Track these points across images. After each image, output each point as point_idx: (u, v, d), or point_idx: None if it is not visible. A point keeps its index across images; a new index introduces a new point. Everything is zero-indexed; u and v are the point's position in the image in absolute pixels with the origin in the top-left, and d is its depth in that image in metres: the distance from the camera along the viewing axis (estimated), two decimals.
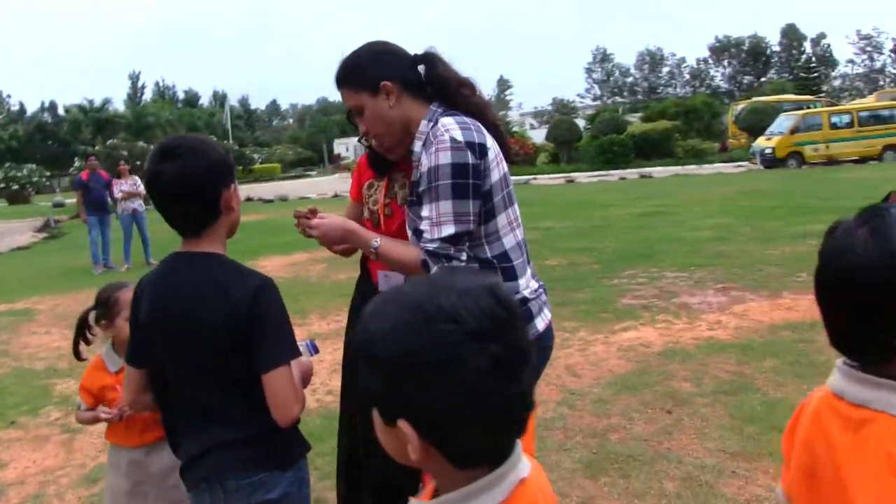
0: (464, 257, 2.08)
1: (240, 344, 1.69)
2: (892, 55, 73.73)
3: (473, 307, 0.88)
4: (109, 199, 12.49)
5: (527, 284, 2.16)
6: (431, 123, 2.12)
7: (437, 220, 2.04)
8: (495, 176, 2.08)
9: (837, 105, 34.76)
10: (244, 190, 30.24)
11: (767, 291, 6.72)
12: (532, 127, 55.61)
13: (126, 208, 12.28)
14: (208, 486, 1.76)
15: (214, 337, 1.70)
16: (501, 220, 2.12)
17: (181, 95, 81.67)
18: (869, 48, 74.66)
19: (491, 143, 2.09)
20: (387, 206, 2.52)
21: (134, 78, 78.61)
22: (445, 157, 2.01)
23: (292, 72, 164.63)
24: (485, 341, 0.87)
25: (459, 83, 2.18)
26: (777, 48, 78.83)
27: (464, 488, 0.94)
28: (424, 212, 2.08)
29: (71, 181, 26.01)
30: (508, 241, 2.14)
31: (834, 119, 25.17)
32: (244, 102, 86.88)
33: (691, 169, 26.95)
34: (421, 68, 2.19)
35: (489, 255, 2.12)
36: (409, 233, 2.23)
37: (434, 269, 2.07)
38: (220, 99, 75.37)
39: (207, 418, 1.75)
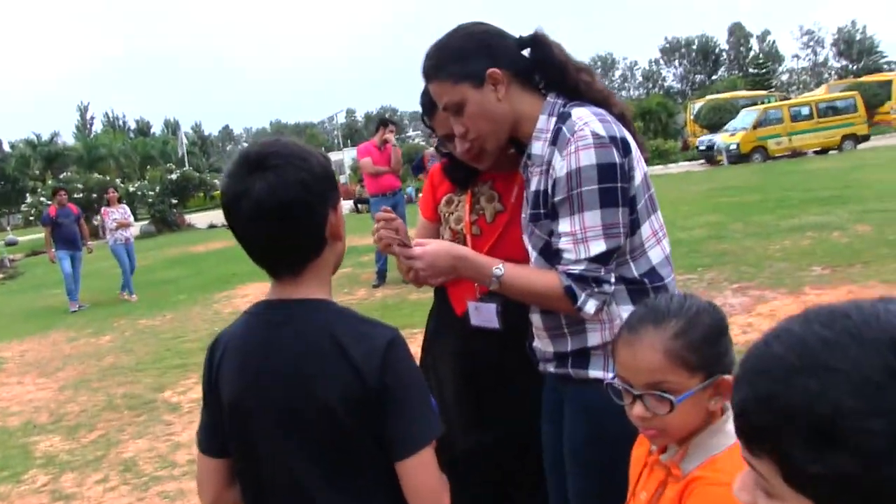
0: (613, 279, 1.69)
1: (365, 422, 1.27)
2: (834, 49, 75.55)
3: None
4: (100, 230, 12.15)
5: None
6: (553, 118, 1.74)
7: (584, 235, 1.64)
8: (638, 177, 1.70)
9: (789, 99, 35.26)
10: (207, 216, 29.70)
11: (786, 288, 6.44)
12: None
13: (119, 238, 11.71)
14: None
15: (330, 414, 1.27)
16: (646, 229, 1.73)
17: (132, 125, 80.00)
18: (812, 43, 76.44)
19: (629, 137, 1.71)
20: (474, 225, 2.14)
21: (82, 110, 76.85)
22: (588, 157, 1.62)
23: (244, 96, 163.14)
24: None
25: (578, 68, 1.78)
26: (725, 46, 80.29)
27: None
28: (563, 226, 1.68)
29: (24, 218, 25.09)
30: (656, 255, 1.75)
31: (794, 112, 25.37)
32: (197, 129, 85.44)
33: (658, 169, 26.91)
34: (527, 52, 1.80)
35: (636, 273, 1.73)
36: (533, 254, 1.82)
37: (582, 297, 1.67)
38: (172, 126, 73.91)
39: None
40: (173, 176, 28.95)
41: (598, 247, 1.64)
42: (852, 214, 9.83)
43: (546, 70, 1.78)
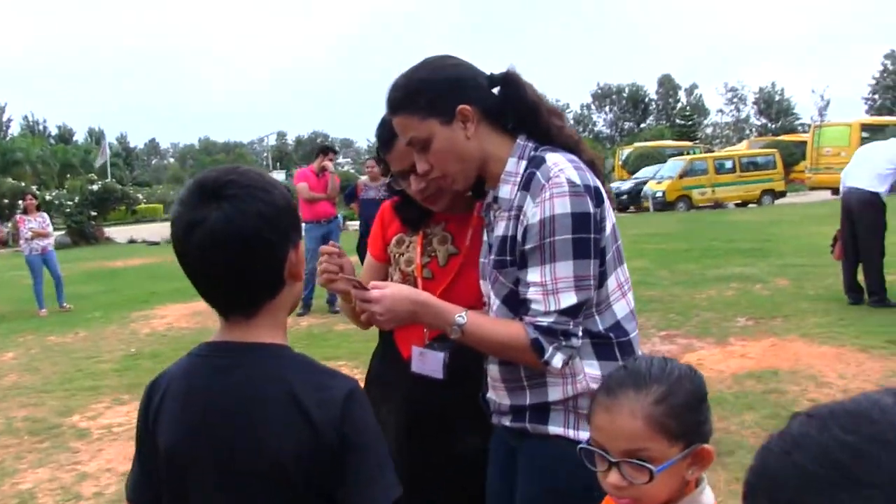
0: (581, 333, 1.62)
1: (317, 481, 1.15)
2: (755, 107, 79.19)
3: None
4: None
5: None
6: (524, 161, 1.68)
7: (554, 286, 1.58)
8: (608, 227, 1.65)
9: (713, 151, 36.61)
10: (127, 231, 28.74)
11: (713, 338, 6.56)
12: None
13: (35, 248, 11.01)
14: None
15: (279, 471, 1.15)
16: (612, 282, 1.68)
17: (53, 131, 77.23)
18: (735, 99, 79.87)
19: (601, 186, 1.66)
20: (425, 267, 2.05)
21: None
22: (563, 206, 1.56)
23: (173, 110, 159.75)
24: None
25: (550, 111, 1.73)
26: (654, 96, 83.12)
27: None
28: (533, 276, 1.61)
29: None
30: (621, 309, 1.70)
31: (718, 164, 26.32)
32: (122, 140, 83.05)
33: None
34: (497, 90, 1.73)
35: (601, 327, 1.67)
36: (496, 302, 1.74)
37: (549, 350, 1.59)
38: (96, 136, 71.35)
39: None
40: (94, 187, 27.88)
41: (568, 299, 1.58)
42: (773, 268, 10.17)
43: (517, 110, 1.72)
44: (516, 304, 1.68)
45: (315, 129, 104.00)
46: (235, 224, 1.15)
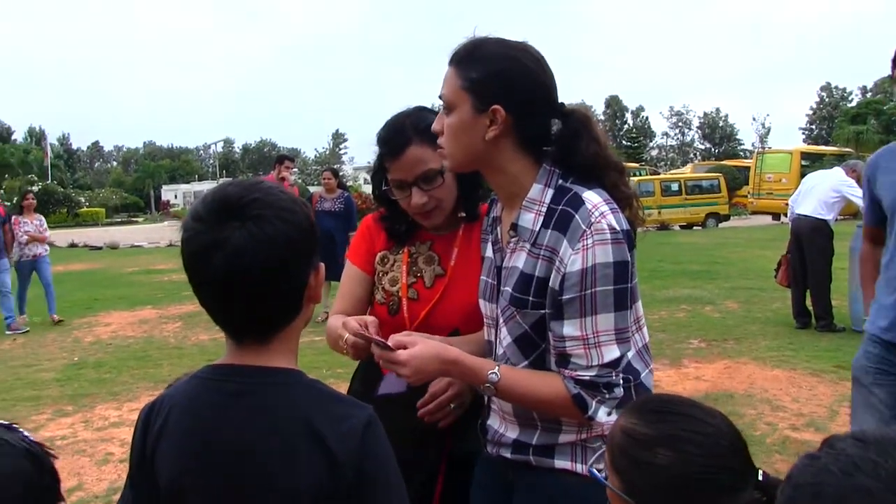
0: (622, 383, 1.55)
1: None
2: (699, 131, 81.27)
3: None
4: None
5: None
6: (550, 191, 1.57)
7: (596, 340, 1.51)
8: (635, 272, 1.59)
9: (658, 173, 37.33)
10: (68, 234, 27.85)
11: (667, 359, 6.62)
12: (366, 181, 55.75)
13: (26, 254, 10.05)
14: None
15: None
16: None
17: None
18: (680, 123, 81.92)
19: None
20: (410, 288, 1.98)
21: None
22: (605, 255, 1.47)
23: (117, 113, 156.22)
24: None
25: (614, 166, 1.61)
26: (602, 117, 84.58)
27: None
28: (571, 329, 1.52)
29: None
30: (630, 347, 1.61)
31: (664, 186, 26.83)
32: (64, 141, 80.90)
33: None
34: (556, 124, 1.62)
35: None
36: (506, 338, 1.66)
37: (593, 405, 1.53)
38: (36, 136, 69.33)
39: None
40: (34, 188, 27.02)
41: (610, 353, 1.52)
42: (721, 290, 10.37)
43: (569, 154, 1.59)
44: (529, 347, 1.61)
45: (262, 137, 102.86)
46: (260, 247, 1.08)
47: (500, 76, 1.53)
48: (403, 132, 1.86)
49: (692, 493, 1.15)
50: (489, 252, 1.77)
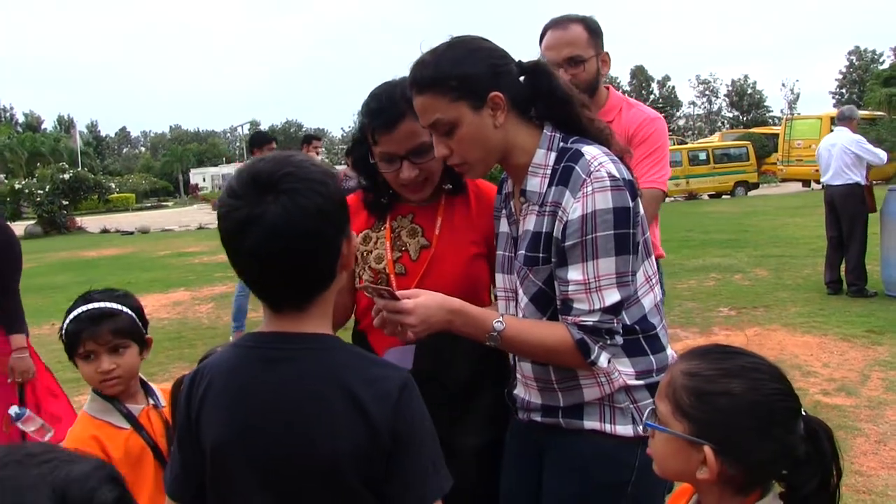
0: (621, 330, 1.60)
1: (370, 479, 1.14)
2: (727, 99, 79.98)
3: None
4: None
5: (673, 354, 1.71)
6: (553, 153, 1.63)
7: (597, 284, 1.55)
8: (639, 221, 1.63)
9: (685, 143, 36.87)
10: (100, 220, 28.31)
11: (697, 328, 6.63)
12: None
13: None
14: None
15: (333, 469, 1.13)
16: (640, 276, 1.66)
17: (21, 118, 75.79)
18: (707, 92, 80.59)
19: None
20: (397, 263, 1.96)
21: None
22: (605, 201, 1.52)
23: (143, 98, 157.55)
24: None
25: (582, 103, 1.68)
26: (627, 88, 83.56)
27: None
28: (574, 274, 1.57)
29: None
30: (648, 303, 1.67)
31: (692, 156, 26.52)
32: (93, 128, 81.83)
33: None
34: (524, 79, 1.67)
35: (628, 321, 1.64)
36: (523, 298, 1.70)
37: (595, 350, 1.57)
38: (65, 124, 70.22)
39: None
40: (65, 176, 27.43)
41: (611, 297, 1.56)
42: (751, 258, 10.29)
43: (549, 102, 1.67)
44: (545, 303, 1.65)
45: (288, 118, 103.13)
46: (295, 220, 1.12)
47: (474, 67, 1.58)
48: (397, 105, 1.82)
49: (771, 416, 1.20)
50: (504, 227, 1.80)
